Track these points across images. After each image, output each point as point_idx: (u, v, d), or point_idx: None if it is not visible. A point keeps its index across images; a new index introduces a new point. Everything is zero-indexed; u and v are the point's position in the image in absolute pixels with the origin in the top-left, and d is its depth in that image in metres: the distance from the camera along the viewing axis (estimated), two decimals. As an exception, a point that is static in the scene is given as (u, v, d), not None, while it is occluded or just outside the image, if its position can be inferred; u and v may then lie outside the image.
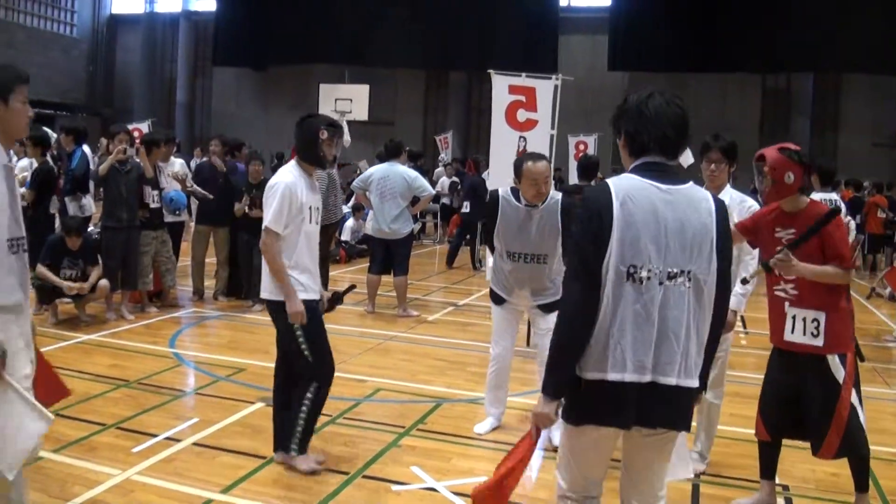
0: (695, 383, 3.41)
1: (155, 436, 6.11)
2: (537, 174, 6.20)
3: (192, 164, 15.80)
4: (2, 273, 3.57)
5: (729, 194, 5.84)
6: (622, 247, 3.27)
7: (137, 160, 10.33)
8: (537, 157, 6.40)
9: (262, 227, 5.44)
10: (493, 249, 6.69)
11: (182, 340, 9.30)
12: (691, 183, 3.48)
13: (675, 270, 3.31)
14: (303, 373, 5.63)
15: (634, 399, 3.33)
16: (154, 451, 5.84)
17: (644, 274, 3.28)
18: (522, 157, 6.48)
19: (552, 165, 7.17)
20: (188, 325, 10.10)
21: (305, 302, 5.45)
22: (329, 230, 11.78)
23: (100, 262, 9.77)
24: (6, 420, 3.58)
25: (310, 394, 5.56)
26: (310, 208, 5.54)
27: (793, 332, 4.90)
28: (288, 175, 5.52)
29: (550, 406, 3.45)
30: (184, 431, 6.28)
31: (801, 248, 4.77)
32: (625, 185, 3.36)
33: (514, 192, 6.43)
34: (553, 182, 6.87)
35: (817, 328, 4.81)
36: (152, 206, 10.42)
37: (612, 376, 3.30)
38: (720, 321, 3.51)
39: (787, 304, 4.94)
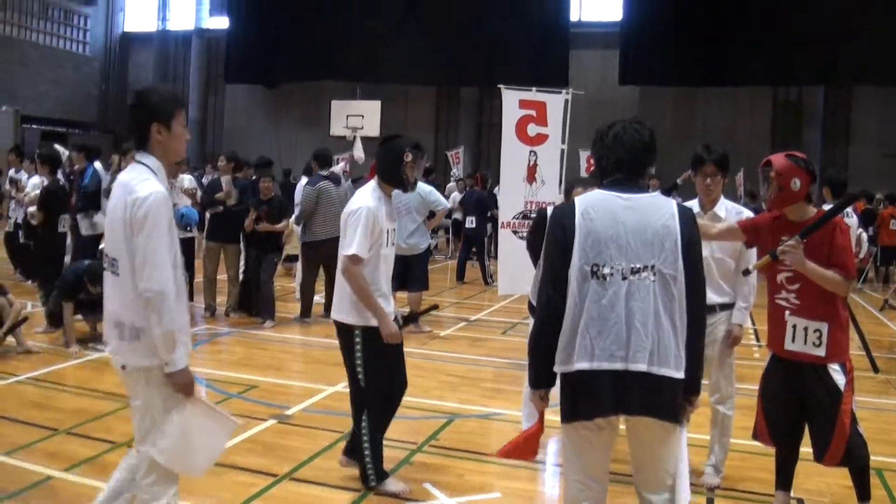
0: (673, 373, 3.65)
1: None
2: None
3: (205, 180, 15.84)
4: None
5: (724, 206, 5.85)
6: (584, 250, 3.67)
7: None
8: (590, 182, 6.15)
9: (344, 252, 5.37)
10: (534, 264, 6.54)
11: (194, 358, 9.21)
12: (657, 193, 3.89)
13: (638, 266, 3.65)
14: (353, 399, 5.60)
15: (610, 387, 3.63)
16: (165, 468, 5.83)
17: (607, 271, 3.65)
18: (574, 181, 6.39)
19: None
20: (200, 342, 10.08)
21: (372, 329, 5.40)
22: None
23: None
24: (200, 430, 3.97)
25: (364, 422, 5.50)
26: (387, 231, 5.51)
27: (793, 341, 4.90)
28: (369, 198, 5.47)
29: (534, 394, 3.94)
30: (195, 449, 6.25)
31: (807, 246, 4.73)
32: (588, 198, 3.84)
33: None
34: None
35: (819, 338, 4.80)
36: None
37: (581, 365, 3.65)
38: (697, 317, 3.75)
39: (787, 312, 4.93)
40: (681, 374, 3.67)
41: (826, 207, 6.83)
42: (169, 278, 3.83)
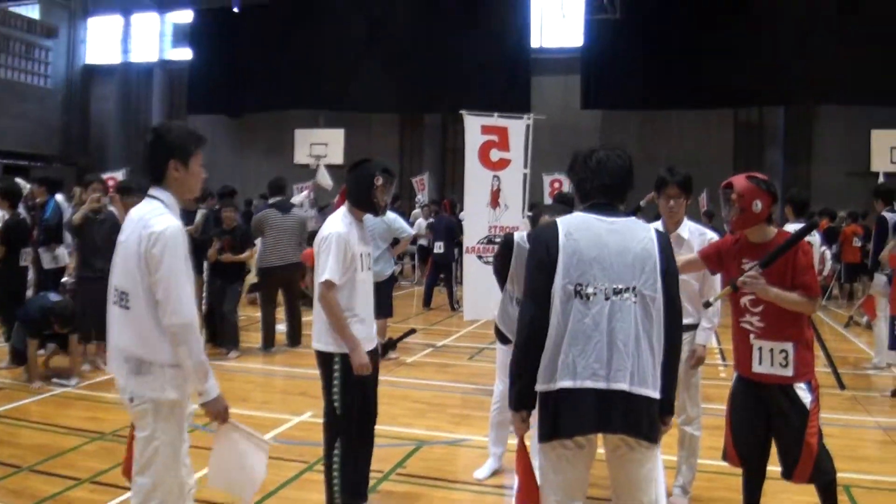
0: (652, 393, 3.70)
1: (130, 489, 6.00)
2: None
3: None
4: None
5: (688, 227, 5.87)
6: (568, 269, 3.71)
7: (112, 209, 10.25)
8: (557, 210, 6.07)
9: (318, 280, 5.33)
10: (501, 289, 6.55)
11: (158, 390, 9.18)
12: (634, 218, 3.98)
13: (620, 287, 3.70)
14: (326, 426, 5.53)
15: (592, 405, 3.65)
16: (129, 504, 5.76)
17: (590, 290, 3.69)
18: (542, 208, 6.34)
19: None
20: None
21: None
22: (296, 271, 11.82)
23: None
24: (242, 458, 4.11)
25: (337, 450, 5.44)
26: (361, 255, 5.47)
27: (760, 363, 4.93)
28: (339, 224, 5.43)
29: (516, 416, 3.90)
30: (160, 483, 6.18)
31: (768, 278, 4.77)
32: (570, 220, 3.88)
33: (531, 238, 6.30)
34: None
35: (786, 358, 4.83)
36: (127, 254, 10.31)
37: (564, 384, 3.67)
38: (673, 339, 3.84)
39: (752, 335, 4.96)
40: (657, 395, 3.73)
41: (788, 227, 6.88)
42: (193, 310, 3.89)
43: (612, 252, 3.73)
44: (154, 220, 3.84)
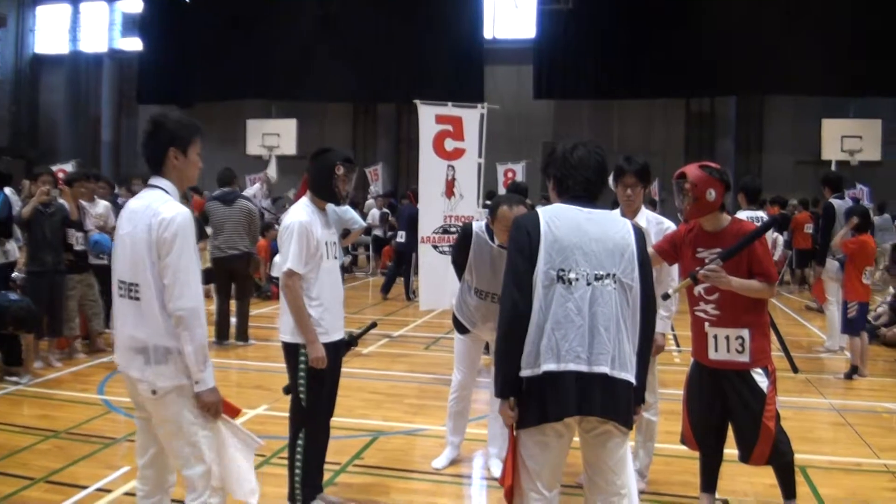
0: (630, 378, 3.77)
1: (85, 487, 5.93)
2: (511, 219, 5.67)
3: (120, 202, 15.55)
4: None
5: (645, 216, 5.89)
6: (550, 255, 3.74)
7: (62, 202, 10.10)
8: (514, 201, 6.13)
9: (282, 269, 5.31)
10: (459, 279, 6.54)
11: (111, 386, 9.05)
12: (612, 211, 3.98)
13: (601, 273, 3.75)
14: (292, 417, 5.50)
15: (574, 388, 3.67)
16: (84, 503, 5.68)
17: (573, 276, 3.73)
18: (500, 199, 6.28)
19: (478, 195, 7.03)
20: (117, 371, 9.79)
21: (324, 345, 5.33)
22: (243, 261, 11.75)
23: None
24: (234, 449, 4.08)
25: (300, 440, 5.41)
26: (326, 244, 5.42)
27: (716, 350, 4.99)
28: (301, 213, 5.38)
29: (504, 405, 3.83)
30: (115, 481, 6.09)
31: (723, 266, 4.82)
32: (551, 209, 3.92)
33: (489, 230, 6.24)
34: None
35: (742, 345, 4.89)
36: (77, 248, 10.20)
37: (548, 367, 3.68)
38: (648, 327, 3.92)
39: (707, 324, 5.02)
40: (634, 380, 3.79)
41: (741, 215, 6.93)
42: (200, 295, 3.90)
43: (592, 239, 3.78)
44: (162, 206, 3.86)
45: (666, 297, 5.33)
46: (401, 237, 17.25)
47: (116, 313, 4.07)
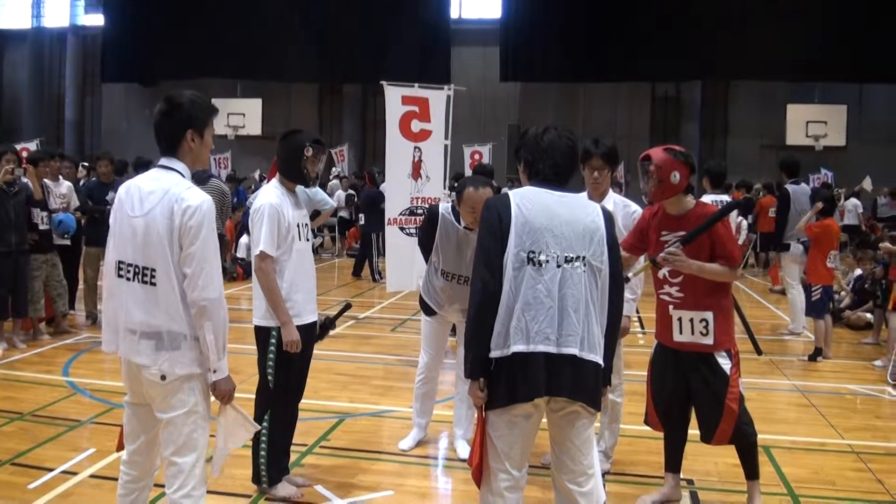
0: (598, 359, 3.80)
1: (51, 470, 5.88)
2: (477, 201, 5.78)
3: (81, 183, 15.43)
4: None
5: (612, 199, 5.91)
6: (521, 236, 3.75)
7: (25, 181, 10.00)
8: (480, 182, 6.07)
9: (253, 252, 5.28)
10: (426, 260, 6.51)
11: (76, 368, 9.01)
12: (581, 194, 3.96)
13: (571, 255, 3.77)
14: (258, 398, 5.48)
15: (543, 369, 3.70)
16: (51, 486, 5.63)
17: (543, 258, 3.74)
18: (465, 181, 6.21)
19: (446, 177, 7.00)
20: (82, 352, 9.79)
21: (297, 328, 5.31)
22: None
23: None
24: (233, 435, 4.08)
25: (265, 422, 5.40)
26: (298, 226, 5.39)
27: (681, 332, 5.04)
28: (271, 195, 5.33)
29: (473, 386, 3.84)
30: (81, 463, 6.06)
31: (687, 249, 4.88)
32: (521, 192, 3.92)
33: (455, 212, 6.21)
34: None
35: (706, 328, 4.93)
36: (41, 227, 10.10)
37: (517, 348, 3.70)
38: (615, 310, 3.93)
39: (671, 306, 5.06)
40: (602, 362, 3.82)
41: (706, 198, 6.96)
42: (221, 284, 3.85)
43: (562, 222, 3.79)
44: (185, 193, 3.78)
45: (626, 280, 5.35)
46: (361, 220, 17.28)
47: (115, 296, 3.98)
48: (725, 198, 10.01)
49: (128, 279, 3.89)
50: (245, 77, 30.24)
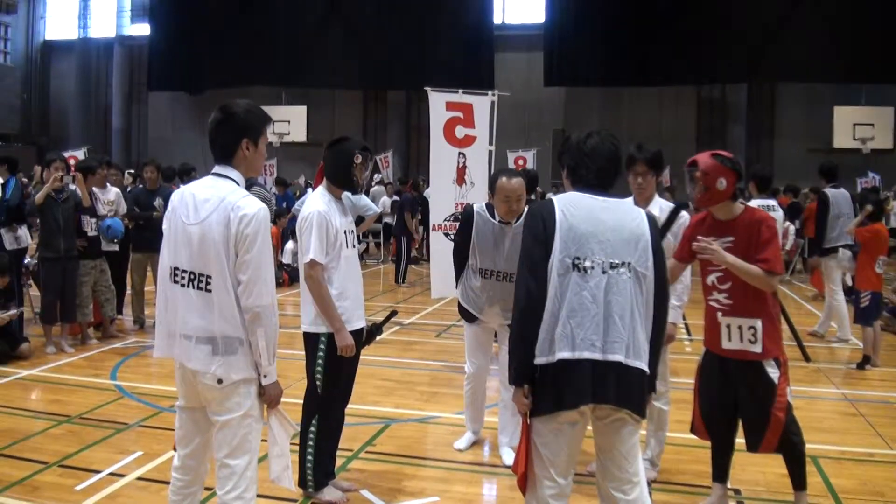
0: (643, 366, 3.78)
1: (98, 472, 5.96)
2: (510, 191, 5.98)
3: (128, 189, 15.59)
4: None
5: (659, 205, 5.86)
6: (566, 243, 3.75)
7: (74, 188, 10.13)
8: (512, 173, 6.18)
9: (302, 260, 5.31)
10: (462, 266, 6.54)
11: (124, 372, 9.12)
12: (626, 199, 3.97)
13: (616, 261, 3.76)
14: (306, 403, 5.53)
15: (589, 376, 3.68)
16: (98, 487, 5.70)
17: (588, 264, 3.74)
18: (497, 173, 6.28)
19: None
20: (130, 356, 9.90)
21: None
22: None
23: (15, 297, 9.72)
24: (280, 438, 4.16)
25: (313, 427, 5.46)
26: (345, 232, 5.42)
27: (730, 340, 4.98)
28: (319, 202, 5.36)
29: (518, 393, 3.83)
30: (128, 466, 6.13)
31: (735, 254, 4.84)
32: (566, 198, 3.92)
33: (489, 207, 6.26)
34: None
35: (754, 335, 4.87)
36: (90, 234, 10.24)
37: (563, 355, 3.68)
38: (661, 316, 3.91)
39: (719, 313, 5.00)
40: (645, 366, 3.79)
41: (753, 203, 6.90)
42: (274, 291, 3.93)
43: (607, 228, 3.78)
44: (242, 201, 3.82)
45: None
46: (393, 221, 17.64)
47: (168, 302, 4.02)
48: (772, 202, 9.92)
49: (183, 285, 3.93)
50: (290, 84, 30.42)
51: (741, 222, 4.93)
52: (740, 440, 5.22)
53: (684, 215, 5.85)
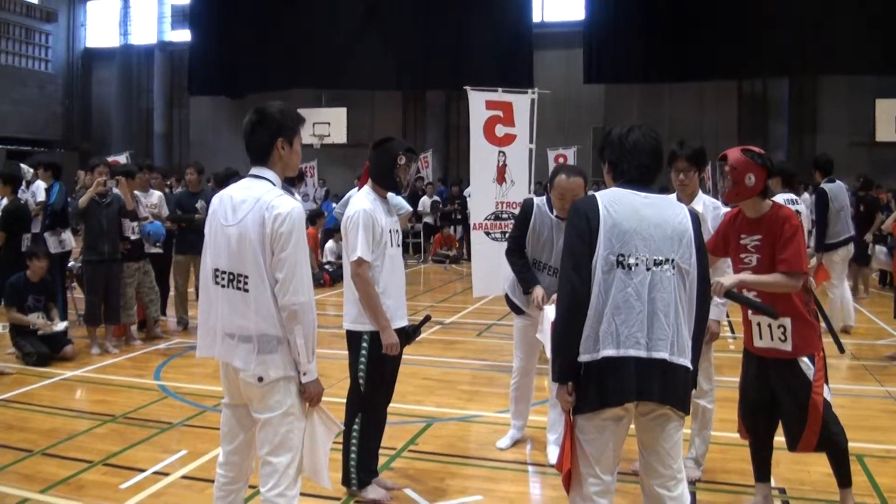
0: (688, 363, 3.77)
1: (143, 471, 6.02)
2: (565, 189, 6.00)
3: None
4: None
5: (702, 201, 5.82)
6: (610, 240, 3.71)
7: (117, 192, 10.23)
8: (572, 171, 6.18)
9: (350, 259, 5.33)
10: (520, 258, 6.47)
11: (167, 372, 9.20)
12: (667, 196, 3.96)
13: (660, 258, 3.73)
14: (349, 402, 5.56)
15: (633, 373, 3.66)
16: (142, 486, 5.75)
17: (632, 261, 3.71)
18: (558, 168, 6.29)
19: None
20: (174, 356, 9.98)
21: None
22: None
23: (58, 297, 9.83)
24: (322, 436, 4.16)
25: (356, 426, 5.49)
26: (390, 231, 5.46)
27: (761, 338, 4.96)
28: (364, 202, 5.39)
29: (561, 390, 3.80)
30: (172, 465, 6.19)
31: (763, 252, 4.84)
32: (609, 194, 3.87)
33: (549, 201, 6.29)
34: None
35: (784, 334, 4.82)
36: (132, 237, 10.33)
37: (608, 352, 3.66)
38: (703, 313, 3.89)
39: (749, 312, 4.97)
40: (689, 363, 3.78)
41: (778, 199, 6.82)
42: (311, 289, 3.96)
43: (651, 224, 3.75)
44: (276, 200, 3.87)
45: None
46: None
47: (211, 303, 4.08)
48: (793, 195, 9.85)
49: (223, 286, 3.99)
50: (329, 87, 30.50)
51: (769, 219, 4.88)
52: (781, 439, 5.17)
53: (721, 208, 5.80)
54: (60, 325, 9.65)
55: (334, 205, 18.14)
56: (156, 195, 11.32)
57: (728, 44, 25.32)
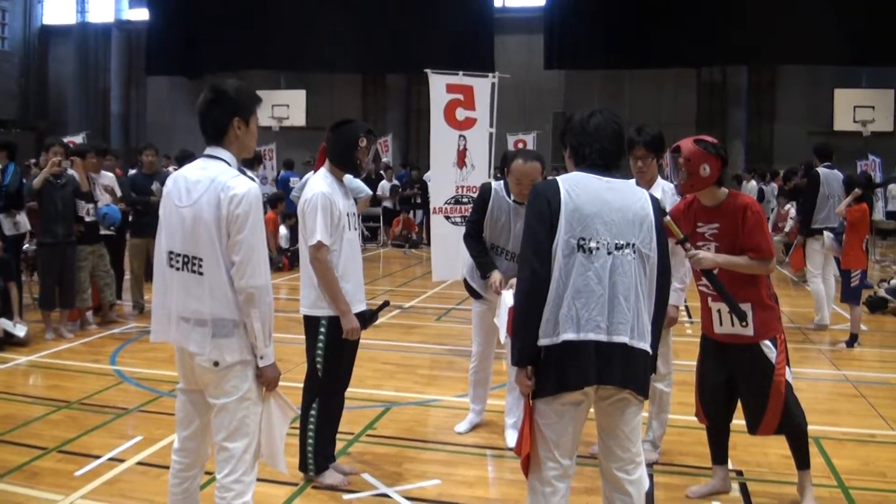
0: (647, 348, 3.77)
1: (98, 457, 5.94)
2: (522, 174, 6.01)
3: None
4: None
5: (661, 187, 5.85)
6: (571, 223, 3.70)
7: (72, 173, 10.08)
8: (529, 155, 6.18)
9: (308, 242, 5.25)
10: (477, 243, 6.44)
11: (123, 357, 9.10)
12: (630, 180, 3.96)
13: (621, 242, 3.72)
14: (306, 386, 5.52)
15: (593, 357, 3.65)
16: (98, 473, 5.68)
17: (593, 245, 3.69)
18: (515, 152, 6.30)
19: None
20: (129, 341, 9.89)
21: (338, 318, 5.32)
22: None
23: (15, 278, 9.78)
24: (277, 421, 4.12)
25: (313, 410, 5.45)
26: (347, 215, 5.39)
27: (721, 324, 4.99)
28: (322, 184, 5.33)
29: (520, 374, 3.78)
30: (127, 451, 6.11)
31: (722, 240, 4.88)
32: (570, 178, 3.87)
33: (507, 185, 6.27)
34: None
35: (746, 320, 4.83)
36: (87, 219, 10.20)
37: (568, 336, 3.65)
38: (662, 298, 3.89)
39: (709, 298, 5.01)
40: (649, 347, 3.78)
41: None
42: (269, 272, 3.89)
43: (612, 209, 3.74)
44: (232, 181, 3.79)
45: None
46: None
47: (166, 286, 3.99)
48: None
49: (177, 269, 3.91)
50: (288, 69, 30.31)
51: (726, 208, 4.90)
52: (739, 422, 5.21)
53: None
54: (21, 332, 9.46)
55: (294, 180, 18.09)
56: (108, 175, 11.16)
57: (688, 31, 25.44)
